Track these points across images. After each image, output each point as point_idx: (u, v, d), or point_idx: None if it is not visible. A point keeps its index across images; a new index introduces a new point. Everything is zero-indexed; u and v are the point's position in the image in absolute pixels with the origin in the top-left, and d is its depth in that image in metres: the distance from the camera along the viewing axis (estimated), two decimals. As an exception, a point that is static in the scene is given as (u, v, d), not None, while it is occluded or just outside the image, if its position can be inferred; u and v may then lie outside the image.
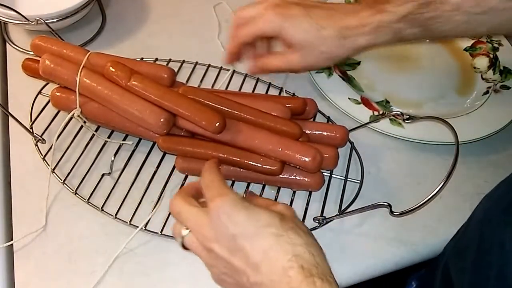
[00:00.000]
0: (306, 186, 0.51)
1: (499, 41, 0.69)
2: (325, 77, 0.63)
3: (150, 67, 0.54)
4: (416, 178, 0.56)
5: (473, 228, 0.43)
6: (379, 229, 0.51)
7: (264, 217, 0.37)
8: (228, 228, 0.36)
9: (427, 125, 0.57)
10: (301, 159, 0.47)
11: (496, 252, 0.37)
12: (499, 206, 0.40)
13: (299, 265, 0.34)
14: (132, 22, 0.71)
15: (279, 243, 0.36)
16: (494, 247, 0.37)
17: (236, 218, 0.37)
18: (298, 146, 0.48)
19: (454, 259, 0.45)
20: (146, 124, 0.50)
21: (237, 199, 0.38)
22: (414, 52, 0.69)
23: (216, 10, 0.74)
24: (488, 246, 0.38)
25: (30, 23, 0.61)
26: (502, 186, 0.42)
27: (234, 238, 0.36)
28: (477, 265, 0.39)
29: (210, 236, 0.38)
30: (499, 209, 0.39)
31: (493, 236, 0.38)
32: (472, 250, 0.41)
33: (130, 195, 0.51)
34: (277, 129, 0.49)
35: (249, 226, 0.36)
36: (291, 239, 0.36)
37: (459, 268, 0.43)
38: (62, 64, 0.51)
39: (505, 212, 0.38)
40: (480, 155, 0.58)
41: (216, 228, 0.37)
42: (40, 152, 0.54)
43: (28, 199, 0.52)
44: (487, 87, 0.64)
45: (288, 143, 0.48)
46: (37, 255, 0.48)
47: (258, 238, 0.36)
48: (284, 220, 0.38)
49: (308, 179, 0.50)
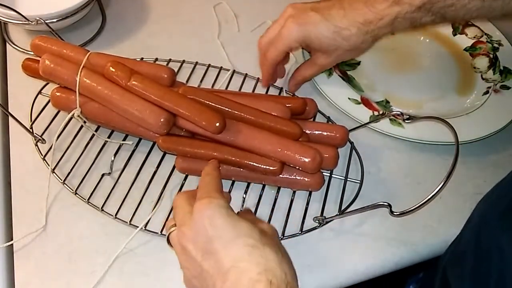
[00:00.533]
0: (306, 186, 0.51)
1: (499, 41, 0.69)
2: (325, 77, 0.63)
3: (150, 67, 0.54)
4: (416, 178, 0.56)
5: (470, 232, 0.43)
6: (379, 229, 0.51)
7: (244, 227, 0.37)
8: (207, 230, 0.37)
9: (427, 125, 0.57)
10: (301, 159, 0.47)
11: (495, 257, 0.36)
12: (495, 210, 0.40)
13: (267, 280, 0.34)
14: (132, 22, 0.71)
15: (253, 255, 0.35)
16: (492, 253, 0.37)
17: (217, 221, 0.37)
18: (297, 146, 0.48)
19: (452, 266, 0.44)
20: (146, 124, 0.50)
21: (223, 205, 0.38)
22: (414, 52, 0.70)
23: (216, 10, 0.74)
24: (486, 252, 0.38)
25: (30, 23, 0.61)
26: (498, 189, 0.42)
27: (210, 240, 0.36)
28: (476, 271, 0.39)
29: (188, 235, 0.38)
30: (495, 213, 0.39)
31: (490, 241, 0.38)
32: (470, 256, 0.40)
33: (130, 195, 0.51)
34: (277, 129, 0.49)
35: (227, 232, 0.36)
36: (266, 254, 0.35)
37: (457, 276, 0.43)
38: (62, 64, 0.51)
39: (502, 217, 0.38)
40: (480, 155, 0.58)
41: (196, 229, 0.37)
42: (40, 152, 0.54)
43: (28, 199, 0.51)
44: (487, 87, 0.64)
45: (288, 144, 0.48)
46: (37, 255, 0.48)
47: (233, 245, 0.36)
48: (264, 235, 0.37)
49: (308, 179, 0.50)
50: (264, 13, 0.73)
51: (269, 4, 0.74)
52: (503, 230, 0.36)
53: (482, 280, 0.38)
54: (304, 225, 0.50)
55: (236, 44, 0.69)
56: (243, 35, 0.71)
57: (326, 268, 0.48)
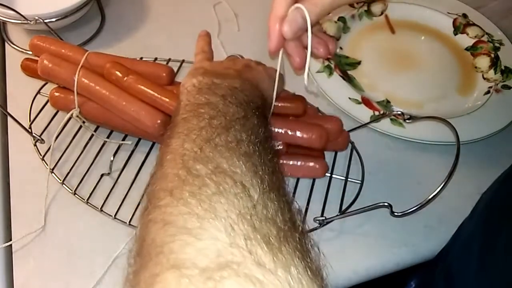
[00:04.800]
0: (310, 171, 0.51)
1: (501, 40, 0.69)
2: (325, 77, 0.63)
3: (148, 66, 0.54)
4: (417, 178, 0.55)
5: (475, 221, 0.43)
6: (380, 230, 0.51)
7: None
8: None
9: (428, 125, 0.57)
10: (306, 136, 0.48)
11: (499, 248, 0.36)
12: (500, 200, 0.39)
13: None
14: (131, 21, 0.71)
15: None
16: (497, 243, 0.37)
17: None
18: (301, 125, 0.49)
19: (458, 259, 0.44)
20: (143, 126, 0.49)
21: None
22: (415, 52, 0.69)
23: (216, 9, 0.73)
24: (492, 241, 0.38)
25: (29, 22, 0.61)
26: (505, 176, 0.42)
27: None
28: (482, 262, 0.39)
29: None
30: (497, 204, 0.39)
31: (496, 229, 0.38)
32: (475, 246, 0.40)
33: (129, 195, 0.51)
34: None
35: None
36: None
37: (464, 261, 0.43)
38: (60, 64, 0.51)
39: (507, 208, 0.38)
40: (481, 155, 0.58)
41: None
42: (39, 152, 0.54)
43: (27, 199, 0.51)
44: (488, 87, 0.64)
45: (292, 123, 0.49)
46: (36, 256, 0.48)
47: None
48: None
49: (313, 163, 0.50)
50: (264, 13, 0.72)
51: (269, 3, 0.74)
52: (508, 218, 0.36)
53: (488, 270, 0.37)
54: (304, 226, 0.49)
55: (236, 43, 0.68)
56: (243, 35, 0.70)
57: (326, 268, 0.48)
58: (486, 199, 0.43)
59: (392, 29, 0.72)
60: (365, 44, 0.70)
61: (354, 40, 0.70)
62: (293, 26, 0.39)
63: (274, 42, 0.41)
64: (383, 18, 0.73)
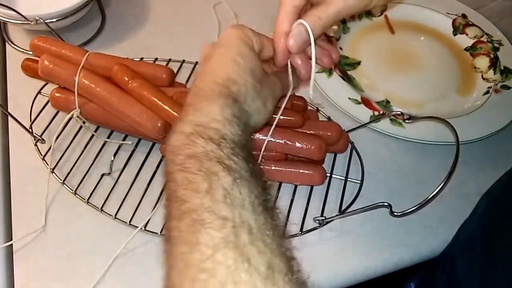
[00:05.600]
0: (309, 179, 0.51)
1: (500, 40, 0.69)
2: (325, 77, 0.63)
3: (149, 67, 0.54)
4: (416, 178, 0.56)
5: (477, 220, 0.43)
6: (380, 230, 0.51)
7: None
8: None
9: (428, 125, 0.57)
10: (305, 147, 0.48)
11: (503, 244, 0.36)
12: (503, 200, 0.39)
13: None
14: (132, 22, 0.71)
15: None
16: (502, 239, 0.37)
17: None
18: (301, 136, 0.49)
19: (461, 257, 0.44)
20: (144, 129, 0.49)
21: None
22: (414, 52, 0.69)
23: (216, 10, 0.74)
24: (494, 238, 0.38)
25: (30, 22, 0.61)
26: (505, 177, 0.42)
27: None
28: (484, 259, 0.39)
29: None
30: (502, 202, 0.39)
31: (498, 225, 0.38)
32: (478, 244, 0.40)
33: (130, 195, 0.51)
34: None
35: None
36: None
37: (467, 260, 0.43)
38: (60, 64, 0.51)
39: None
40: (480, 155, 0.58)
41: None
42: (39, 152, 0.54)
43: (28, 199, 0.51)
44: (487, 87, 0.64)
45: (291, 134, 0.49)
46: (37, 256, 0.48)
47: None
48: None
49: (311, 171, 0.50)
50: (264, 13, 0.72)
51: (269, 4, 0.74)
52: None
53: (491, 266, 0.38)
54: (304, 225, 0.50)
55: (236, 44, 0.68)
56: (243, 35, 0.70)
57: (326, 268, 0.48)
58: (488, 199, 0.43)
59: (392, 30, 0.72)
60: (364, 44, 0.70)
61: (354, 41, 0.70)
62: (298, 40, 0.41)
63: (281, 57, 0.42)
64: (383, 19, 0.73)
